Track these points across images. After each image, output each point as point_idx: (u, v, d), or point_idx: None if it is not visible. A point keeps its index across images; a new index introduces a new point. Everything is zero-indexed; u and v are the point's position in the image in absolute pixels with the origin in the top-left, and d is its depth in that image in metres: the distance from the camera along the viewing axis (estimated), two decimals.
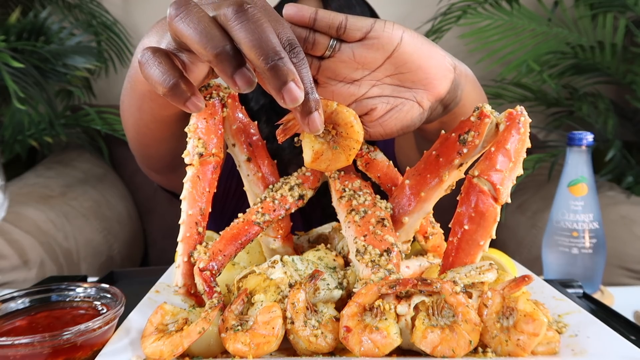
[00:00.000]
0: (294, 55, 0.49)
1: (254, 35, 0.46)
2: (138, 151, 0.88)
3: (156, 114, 0.73)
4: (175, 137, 0.80)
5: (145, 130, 0.78)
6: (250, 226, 0.62)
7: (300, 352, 0.54)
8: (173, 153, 0.86)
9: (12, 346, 0.50)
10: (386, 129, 0.63)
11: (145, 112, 0.73)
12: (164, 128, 0.76)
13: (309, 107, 0.50)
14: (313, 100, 0.50)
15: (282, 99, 0.47)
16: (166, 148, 0.84)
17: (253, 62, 0.47)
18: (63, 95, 2.14)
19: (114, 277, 0.91)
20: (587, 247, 0.93)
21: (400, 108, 0.62)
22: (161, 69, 0.48)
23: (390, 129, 0.63)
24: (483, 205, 0.58)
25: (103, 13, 2.17)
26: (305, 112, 0.50)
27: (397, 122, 0.63)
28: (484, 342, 0.53)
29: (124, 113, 0.80)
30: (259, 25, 0.46)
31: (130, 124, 0.80)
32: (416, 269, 0.67)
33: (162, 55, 0.49)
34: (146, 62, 0.49)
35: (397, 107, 0.62)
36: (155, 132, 0.78)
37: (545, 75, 1.90)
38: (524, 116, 0.58)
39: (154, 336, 0.53)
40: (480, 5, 1.95)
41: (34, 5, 2.12)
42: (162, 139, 0.80)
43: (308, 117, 0.50)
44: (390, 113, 0.62)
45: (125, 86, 0.76)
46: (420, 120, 0.64)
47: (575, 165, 0.94)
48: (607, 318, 0.70)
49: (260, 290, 0.57)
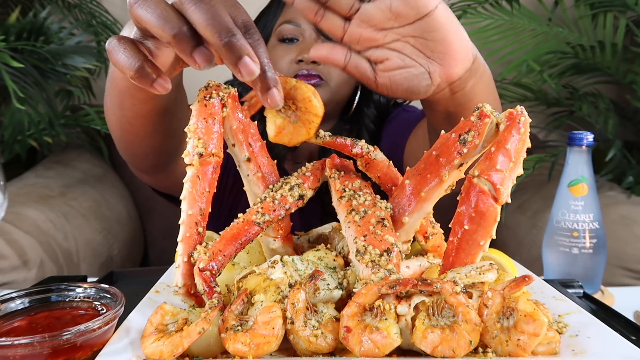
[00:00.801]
0: (250, 36, 0.53)
1: (207, 15, 0.50)
2: (123, 150, 0.91)
3: (137, 110, 0.76)
4: (158, 133, 0.83)
5: (128, 127, 0.81)
6: (250, 226, 0.62)
7: (300, 352, 0.54)
8: (157, 150, 0.88)
9: (12, 346, 0.50)
10: (392, 84, 0.66)
11: (127, 108, 0.77)
12: (146, 123, 0.79)
13: (267, 84, 0.55)
14: (271, 78, 0.55)
15: (239, 72, 0.51)
16: (150, 145, 0.86)
17: (209, 40, 0.51)
18: (63, 95, 2.14)
19: (114, 277, 0.91)
20: (587, 247, 0.93)
21: (411, 71, 0.64)
22: (126, 54, 0.53)
23: (396, 86, 0.66)
24: (483, 205, 0.58)
25: (103, 13, 2.17)
26: (264, 89, 0.55)
27: (404, 82, 0.65)
28: (484, 342, 0.53)
29: (107, 113, 0.83)
30: (212, 6, 0.51)
31: (114, 122, 0.83)
32: (416, 269, 0.67)
33: (127, 41, 0.54)
34: (112, 49, 0.53)
35: (408, 68, 0.64)
36: (138, 128, 0.81)
37: (546, 75, 1.90)
38: (524, 116, 0.58)
39: (154, 336, 0.53)
40: (480, 5, 1.95)
41: (34, 5, 2.12)
42: (145, 135, 0.83)
43: (267, 93, 0.55)
44: (401, 71, 0.65)
45: (107, 86, 0.79)
46: (425, 92, 0.66)
47: (575, 165, 0.94)
48: (608, 318, 0.70)
49: (260, 290, 0.57)
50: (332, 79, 1.14)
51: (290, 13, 1.15)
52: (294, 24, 1.14)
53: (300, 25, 1.13)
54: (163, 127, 0.82)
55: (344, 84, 1.16)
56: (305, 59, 1.11)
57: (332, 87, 1.14)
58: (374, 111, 1.25)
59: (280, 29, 1.15)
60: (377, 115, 1.25)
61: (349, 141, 0.68)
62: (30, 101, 1.75)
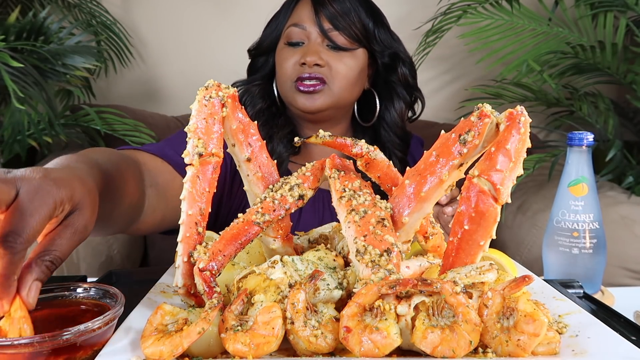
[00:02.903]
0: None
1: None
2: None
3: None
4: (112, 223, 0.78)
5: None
6: (250, 226, 0.62)
7: (300, 353, 0.54)
8: (111, 231, 0.85)
9: (12, 346, 0.50)
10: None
11: None
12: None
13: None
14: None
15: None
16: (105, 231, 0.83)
17: None
18: (63, 95, 2.14)
19: (114, 277, 0.90)
20: (587, 247, 0.93)
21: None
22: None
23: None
24: (483, 205, 0.58)
25: (103, 13, 2.18)
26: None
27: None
28: (484, 343, 0.53)
29: None
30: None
31: None
32: (416, 269, 0.67)
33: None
34: None
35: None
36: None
37: (546, 75, 1.90)
38: (524, 116, 0.58)
39: (154, 336, 0.53)
40: (480, 5, 1.95)
41: (34, 4, 2.12)
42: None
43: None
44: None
45: None
46: None
47: (575, 165, 0.93)
48: (608, 318, 0.70)
49: (260, 290, 0.57)
50: (334, 82, 1.14)
51: (297, 16, 1.17)
52: (300, 27, 1.16)
53: (306, 29, 1.15)
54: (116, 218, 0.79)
55: (348, 88, 1.17)
56: (308, 62, 1.13)
57: (335, 90, 1.15)
58: (395, 138, 1.25)
59: (288, 32, 1.17)
60: (399, 141, 1.26)
61: (349, 141, 0.68)
62: (30, 101, 1.75)
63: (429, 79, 2.28)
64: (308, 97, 1.14)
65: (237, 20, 2.25)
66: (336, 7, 1.14)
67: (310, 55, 1.12)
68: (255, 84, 1.23)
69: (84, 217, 0.56)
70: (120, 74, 2.26)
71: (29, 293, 0.52)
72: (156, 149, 1.01)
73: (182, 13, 2.30)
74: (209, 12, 2.29)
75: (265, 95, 1.22)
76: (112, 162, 0.77)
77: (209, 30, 2.30)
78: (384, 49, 1.21)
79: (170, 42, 2.31)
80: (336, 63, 1.14)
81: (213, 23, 2.30)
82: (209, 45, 2.30)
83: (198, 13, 2.30)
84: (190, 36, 2.31)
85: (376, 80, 1.26)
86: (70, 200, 0.54)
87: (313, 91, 1.13)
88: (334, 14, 1.14)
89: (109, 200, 0.70)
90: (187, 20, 2.30)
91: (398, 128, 1.25)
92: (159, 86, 2.35)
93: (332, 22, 1.14)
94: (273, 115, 1.20)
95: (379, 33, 1.20)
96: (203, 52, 2.31)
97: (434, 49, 2.01)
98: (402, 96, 1.24)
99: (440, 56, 2.21)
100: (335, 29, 1.14)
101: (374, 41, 1.19)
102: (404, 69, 1.23)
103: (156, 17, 2.31)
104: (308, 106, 1.15)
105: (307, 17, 1.15)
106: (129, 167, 0.84)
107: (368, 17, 1.18)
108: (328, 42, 1.15)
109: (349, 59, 1.16)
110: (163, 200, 0.95)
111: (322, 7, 1.14)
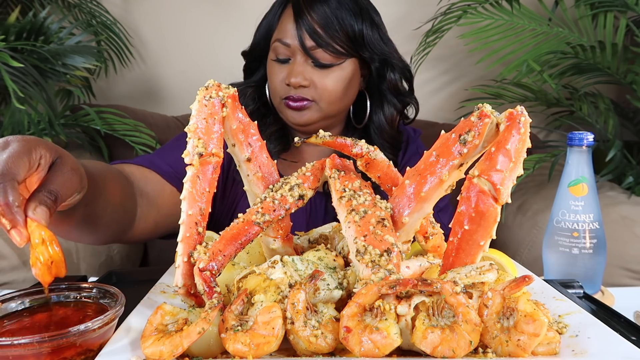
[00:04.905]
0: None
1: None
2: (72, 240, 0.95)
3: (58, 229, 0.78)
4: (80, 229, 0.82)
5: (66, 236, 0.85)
6: (250, 226, 0.62)
7: (300, 353, 0.54)
8: (101, 240, 0.91)
9: (12, 346, 0.50)
10: None
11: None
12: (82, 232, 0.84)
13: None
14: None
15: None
16: (93, 239, 0.89)
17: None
18: (63, 95, 2.14)
19: (114, 277, 0.90)
20: (587, 247, 0.93)
21: None
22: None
23: None
24: (483, 205, 0.58)
25: (103, 13, 2.17)
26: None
27: None
28: (485, 343, 0.53)
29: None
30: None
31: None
32: (416, 269, 0.67)
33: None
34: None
35: None
36: (78, 237, 0.87)
37: (546, 75, 1.90)
38: (524, 116, 0.58)
39: (154, 336, 0.53)
40: (480, 5, 1.95)
41: (34, 4, 2.12)
42: (83, 234, 0.85)
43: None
44: None
45: None
46: None
47: (575, 165, 0.93)
48: (608, 318, 0.70)
49: (260, 290, 0.57)
50: (322, 99, 1.13)
51: (283, 29, 1.13)
52: (284, 44, 1.12)
53: (290, 46, 1.11)
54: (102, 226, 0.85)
55: (337, 101, 1.15)
56: (292, 84, 1.11)
57: (323, 106, 1.14)
58: (384, 142, 1.24)
59: (275, 47, 1.14)
60: (388, 145, 1.25)
61: (349, 141, 0.68)
62: (30, 101, 1.75)
63: (429, 79, 2.28)
64: (297, 113, 1.13)
65: (237, 20, 2.25)
66: (316, 19, 1.09)
67: (294, 76, 1.10)
68: (248, 86, 1.23)
69: (68, 161, 0.62)
70: (121, 74, 2.26)
71: (35, 211, 0.55)
72: (144, 160, 1.06)
73: (182, 13, 2.30)
74: (209, 12, 2.29)
75: (256, 97, 1.22)
76: (93, 163, 0.84)
77: (210, 30, 2.31)
78: (373, 54, 1.15)
79: (171, 42, 2.31)
80: (322, 80, 1.11)
81: (213, 23, 2.30)
82: (209, 45, 2.30)
83: (198, 13, 2.30)
84: (191, 36, 2.31)
85: (371, 81, 1.23)
86: (47, 148, 0.60)
87: (302, 107, 1.12)
88: (314, 29, 1.08)
89: (97, 195, 0.77)
90: (187, 20, 2.30)
91: (386, 133, 1.23)
92: (159, 86, 2.35)
93: (313, 39, 1.08)
94: (262, 115, 1.20)
95: (367, 36, 1.14)
96: (203, 52, 2.30)
97: (434, 49, 2.00)
98: (392, 103, 1.22)
99: (440, 56, 2.21)
100: (318, 46, 1.09)
101: (363, 48, 1.13)
102: (394, 75, 1.19)
103: (156, 17, 2.31)
104: (297, 120, 1.14)
105: (290, 32, 1.11)
106: (111, 170, 0.89)
107: (354, 20, 1.11)
108: (313, 60, 1.11)
109: (336, 73, 1.12)
110: (154, 207, 1.00)
111: (302, 19, 1.09)
